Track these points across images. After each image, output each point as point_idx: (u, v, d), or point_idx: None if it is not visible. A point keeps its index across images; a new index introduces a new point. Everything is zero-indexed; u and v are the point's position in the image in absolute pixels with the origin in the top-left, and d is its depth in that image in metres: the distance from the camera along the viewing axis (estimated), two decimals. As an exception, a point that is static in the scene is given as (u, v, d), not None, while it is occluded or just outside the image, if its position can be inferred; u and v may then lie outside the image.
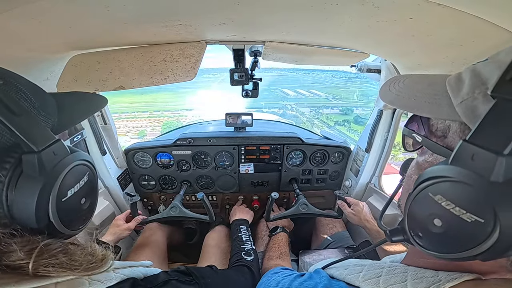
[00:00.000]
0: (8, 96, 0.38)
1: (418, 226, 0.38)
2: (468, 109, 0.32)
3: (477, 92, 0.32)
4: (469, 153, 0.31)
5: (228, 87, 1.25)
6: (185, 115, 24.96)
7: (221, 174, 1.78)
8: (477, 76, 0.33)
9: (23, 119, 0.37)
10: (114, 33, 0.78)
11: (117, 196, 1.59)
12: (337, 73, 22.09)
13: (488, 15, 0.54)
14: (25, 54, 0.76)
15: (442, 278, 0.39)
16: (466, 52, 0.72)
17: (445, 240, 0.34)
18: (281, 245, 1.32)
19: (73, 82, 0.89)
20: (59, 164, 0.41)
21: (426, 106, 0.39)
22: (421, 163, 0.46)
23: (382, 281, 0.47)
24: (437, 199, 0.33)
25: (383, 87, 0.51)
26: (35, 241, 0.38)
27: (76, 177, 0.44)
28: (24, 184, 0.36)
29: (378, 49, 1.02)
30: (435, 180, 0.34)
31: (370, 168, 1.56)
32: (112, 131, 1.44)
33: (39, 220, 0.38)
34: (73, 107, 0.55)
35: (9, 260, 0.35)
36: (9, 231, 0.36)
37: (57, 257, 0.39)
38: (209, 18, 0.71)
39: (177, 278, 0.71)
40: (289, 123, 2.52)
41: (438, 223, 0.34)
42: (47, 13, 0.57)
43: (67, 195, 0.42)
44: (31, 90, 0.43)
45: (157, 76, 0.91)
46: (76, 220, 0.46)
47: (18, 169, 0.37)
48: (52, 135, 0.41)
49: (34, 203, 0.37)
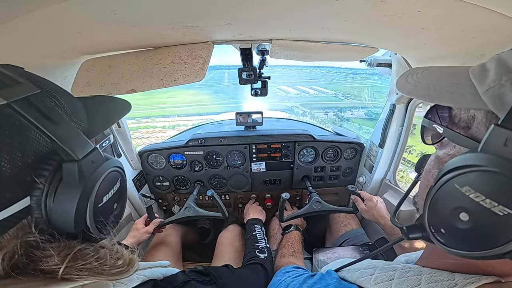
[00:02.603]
0: (45, 104, 0.39)
1: (440, 222, 0.35)
2: (495, 97, 0.30)
3: (505, 79, 0.29)
4: (502, 138, 0.28)
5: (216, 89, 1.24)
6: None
7: (233, 174, 1.79)
8: (503, 65, 0.31)
9: (62, 128, 0.38)
10: (122, 36, 0.79)
11: (133, 197, 1.63)
12: (330, 69, 20.50)
13: (498, 7, 0.52)
14: (38, 60, 0.79)
15: (458, 282, 0.37)
16: (480, 43, 0.69)
17: (472, 236, 0.31)
18: (294, 243, 1.32)
19: (86, 87, 0.92)
20: (96, 172, 0.42)
21: (448, 95, 0.37)
22: (442, 157, 0.43)
23: (394, 285, 0.45)
24: (465, 191, 0.30)
25: (399, 79, 0.49)
26: (71, 246, 0.39)
27: (110, 183, 0.46)
28: (64, 191, 0.37)
29: (388, 43, 1.00)
30: (463, 170, 0.31)
31: (384, 163, 1.53)
32: (126, 134, 1.48)
33: (77, 226, 0.39)
34: (101, 113, 0.56)
35: (45, 265, 0.36)
36: (46, 237, 0.37)
37: (90, 262, 0.40)
38: (214, 18, 0.72)
39: (195, 278, 0.72)
40: (300, 120, 2.50)
41: (464, 218, 0.31)
42: (55, 19, 0.58)
43: (102, 201, 0.43)
44: (64, 97, 0.44)
45: (167, 78, 0.93)
46: (108, 224, 0.47)
47: (57, 176, 0.37)
48: (90, 144, 0.42)
49: (73, 209, 0.37)
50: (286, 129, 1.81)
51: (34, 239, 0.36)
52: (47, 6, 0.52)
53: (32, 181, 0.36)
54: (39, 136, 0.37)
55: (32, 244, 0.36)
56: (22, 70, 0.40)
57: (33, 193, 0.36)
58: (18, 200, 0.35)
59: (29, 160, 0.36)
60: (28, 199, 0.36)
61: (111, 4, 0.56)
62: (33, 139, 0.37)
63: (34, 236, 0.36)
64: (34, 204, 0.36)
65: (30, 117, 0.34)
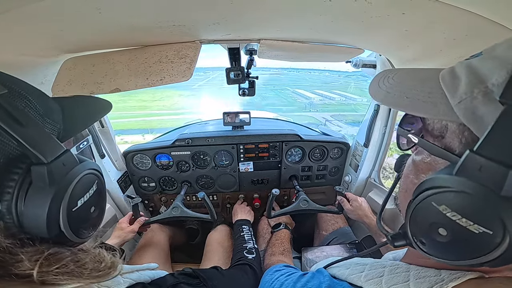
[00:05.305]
0: (13, 105, 0.37)
1: (421, 233, 0.37)
2: (468, 110, 0.30)
3: (476, 92, 0.30)
4: (476, 164, 0.29)
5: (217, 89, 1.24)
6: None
7: (221, 174, 1.78)
8: (474, 73, 0.31)
9: (31, 130, 0.37)
10: (107, 35, 0.77)
11: (118, 199, 1.59)
12: (341, 73, 20.22)
13: (480, 10, 0.54)
14: (18, 58, 0.76)
15: (445, 278, 0.39)
16: (460, 46, 0.72)
17: (451, 248, 0.33)
18: (284, 242, 1.33)
19: (68, 86, 0.88)
20: (69, 175, 0.41)
21: (420, 106, 0.37)
22: (418, 163, 0.44)
23: (384, 281, 0.46)
24: (442, 209, 0.32)
25: (372, 83, 0.49)
26: (44, 250, 0.38)
27: (85, 186, 0.44)
28: (34, 195, 0.36)
29: (373, 44, 1.02)
30: (439, 190, 0.33)
31: (369, 162, 1.57)
32: (109, 133, 1.44)
33: (50, 230, 0.38)
34: (78, 113, 0.54)
35: (18, 270, 0.35)
36: (18, 241, 0.36)
37: (67, 265, 0.39)
38: (202, 18, 0.71)
39: (185, 281, 0.71)
40: (287, 120, 2.52)
41: (443, 232, 0.33)
42: (35, 17, 0.56)
43: (77, 204, 0.42)
44: (36, 97, 0.42)
45: (153, 77, 0.91)
46: (85, 228, 0.46)
47: (27, 180, 0.36)
48: (61, 146, 0.41)
49: (44, 214, 0.36)
50: (273, 129, 1.82)
51: (4, 244, 0.35)
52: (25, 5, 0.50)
53: (1, 185, 0.35)
54: (7, 139, 0.36)
55: (2, 249, 0.35)
56: None
57: (2, 197, 0.35)
58: None
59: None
60: None
61: (95, 2, 0.54)
62: (1, 142, 0.35)
63: (4, 241, 0.35)
64: (5, 209, 0.35)
65: None
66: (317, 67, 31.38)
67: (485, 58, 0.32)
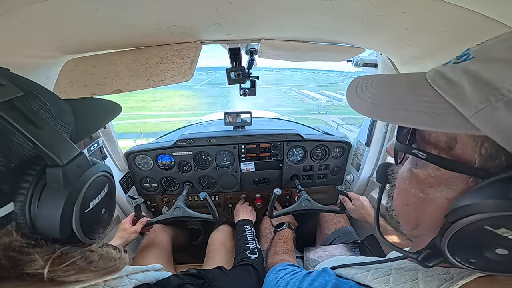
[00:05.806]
0: (29, 108, 0.37)
1: (469, 255, 0.34)
2: (490, 121, 0.27)
3: (494, 100, 0.27)
4: None
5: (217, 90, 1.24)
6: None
7: (222, 174, 1.78)
8: (478, 79, 0.29)
9: (46, 132, 0.37)
10: (108, 36, 0.78)
11: (120, 199, 1.60)
12: (345, 73, 19.90)
13: (481, 8, 0.54)
14: (20, 59, 0.76)
15: (454, 276, 0.38)
16: (461, 44, 0.71)
17: (510, 262, 0.32)
18: (287, 241, 1.33)
19: (69, 87, 0.89)
20: (83, 177, 0.41)
21: (423, 118, 0.32)
22: (423, 177, 0.40)
23: (392, 279, 0.46)
24: (501, 232, 0.29)
25: (348, 93, 0.44)
26: (56, 249, 0.38)
27: (98, 188, 0.45)
28: (48, 197, 0.37)
29: (373, 43, 1.02)
30: (495, 214, 0.30)
31: (371, 162, 1.56)
32: (111, 134, 1.45)
33: (63, 231, 0.38)
34: (89, 115, 0.54)
35: (31, 268, 0.35)
36: (31, 241, 0.37)
37: (76, 263, 0.39)
38: (202, 18, 0.71)
39: (190, 281, 0.72)
40: (288, 120, 2.52)
41: (502, 252, 0.31)
42: (36, 18, 0.56)
43: (89, 206, 0.42)
44: (49, 99, 0.43)
45: (153, 78, 0.91)
46: (96, 229, 0.46)
47: (42, 182, 0.37)
48: (76, 148, 0.41)
49: (58, 215, 0.37)
50: (275, 128, 1.82)
51: (18, 244, 0.35)
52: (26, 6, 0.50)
53: (16, 186, 0.35)
54: (23, 140, 0.36)
55: (15, 248, 0.35)
56: (7, 71, 0.39)
57: (16, 198, 0.35)
58: (2, 205, 0.34)
59: (13, 165, 0.34)
60: (11, 204, 0.35)
61: (96, 3, 0.54)
62: (16, 144, 0.35)
63: (18, 241, 0.35)
64: (18, 209, 0.35)
65: (13, 121, 0.33)
66: (320, 67, 31.06)
67: (482, 62, 0.31)
